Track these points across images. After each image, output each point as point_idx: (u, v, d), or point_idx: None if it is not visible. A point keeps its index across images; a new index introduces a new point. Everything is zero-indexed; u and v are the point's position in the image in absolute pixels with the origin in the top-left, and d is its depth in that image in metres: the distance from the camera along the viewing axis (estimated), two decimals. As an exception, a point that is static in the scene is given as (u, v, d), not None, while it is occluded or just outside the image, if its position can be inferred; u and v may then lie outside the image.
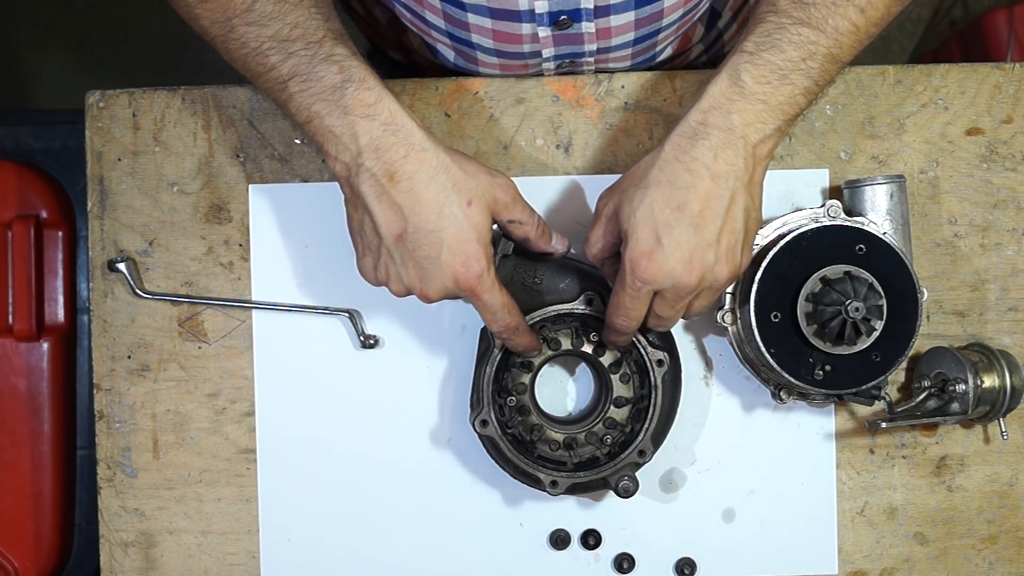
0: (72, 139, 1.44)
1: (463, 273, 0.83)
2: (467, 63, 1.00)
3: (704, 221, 0.82)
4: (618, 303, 0.86)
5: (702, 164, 0.82)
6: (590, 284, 0.94)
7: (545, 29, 0.91)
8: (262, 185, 1.02)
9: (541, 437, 0.96)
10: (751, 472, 1.03)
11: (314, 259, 1.02)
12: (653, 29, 0.95)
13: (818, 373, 0.93)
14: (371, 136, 0.83)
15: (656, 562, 1.03)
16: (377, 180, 0.83)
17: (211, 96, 1.02)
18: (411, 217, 0.83)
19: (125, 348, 1.02)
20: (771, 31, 0.84)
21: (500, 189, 0.86)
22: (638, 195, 0.83)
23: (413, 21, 0.97)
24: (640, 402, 0.95)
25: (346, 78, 0.83)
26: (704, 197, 0.82)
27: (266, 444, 1.03)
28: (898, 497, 1.03)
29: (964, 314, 1.03)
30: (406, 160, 0.83)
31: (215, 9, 0.85)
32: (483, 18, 0.90)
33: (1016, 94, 1.03)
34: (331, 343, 1.02)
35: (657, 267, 0.82)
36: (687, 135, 0.83)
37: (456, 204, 0.83)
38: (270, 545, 1.03)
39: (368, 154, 0.83)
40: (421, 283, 0.85)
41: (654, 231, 0.82)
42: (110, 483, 1.02)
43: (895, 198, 0.96)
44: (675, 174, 0.82)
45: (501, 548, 1.03)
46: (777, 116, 0.84)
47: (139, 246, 1.02)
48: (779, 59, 0.84)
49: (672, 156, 0.83)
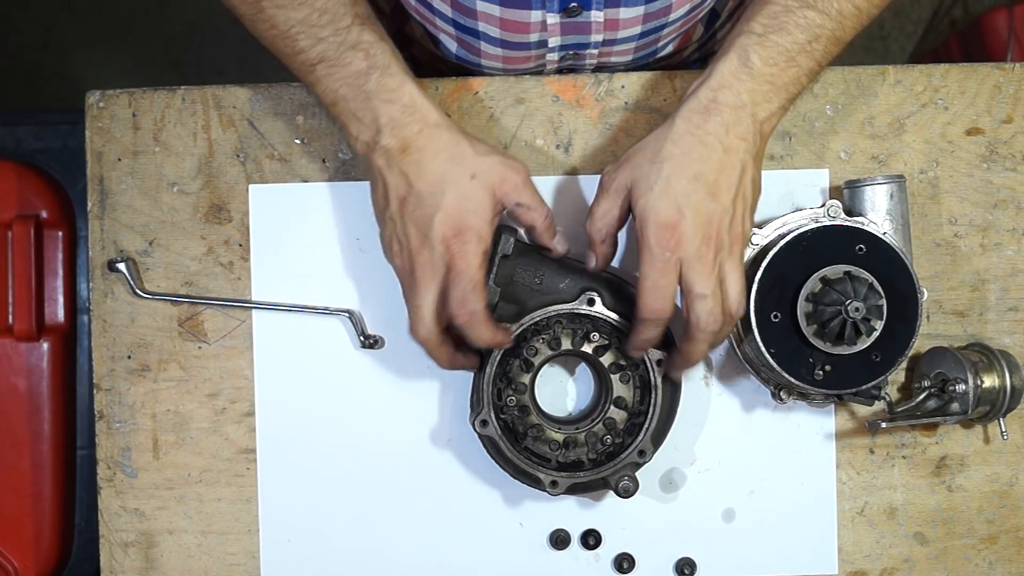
0: (72, 139, 1.44)
1: (450, 234, 0.85)
2: (469, 54, 1.01)
3: (719, 189, 0.85)
4: (651, 285, 0.85)
5: (715, 137, 0.85)
6: (590, 284, 0.94)
7: (554, 16, 0.91)
8: (262, 185, 1.02)
9: (541, 437, 0.96)
10: (751, 472, 1.03)
11: (314, 259, 1.02)
12: (659, 24, 0.95)
13: (818, 373, 0.93)
14: (390, 116, 0.86)
15: (656, 562, 1.03)
16: (391, 153, 0.86)
17: (211, 96, 1.02)
18: (415, 182, 0.86)
19: (125, 348, 1.02)
20: (778, 13, 0.87)
21: (510, 170, 0.87)
22: (654, 170, 0.85)
23: (418, 8, 0.98)
24: (640, 403, 0.95)
25: (371, 64, 0.87)
26: (718, 167, 0.85)
27: (266, 444, 1.03)
28: (898, 497, 1.03)
29: (964, 314, 1.03)
30: (419, 135, 0.86)
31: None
32: (492, 5, 0.90)
33: (1016, 94, 1.03)
34: (331, 343, 1.02)
35: (682, 233, 0.84)
36: (699, 111, 0.86)
37: (459, 175, 0.85)
38: (270, 545, 1.03)
39: (386, 132, 0.86)
40: (417, 248, 0.86)
41: (674, 202, 0.84)
42: (110, 483, 1.03)
43: (895, 198, 0.96)
44: (689, 147, 0.85)
45: (501, 548, 1.03)
46: (782, 95, 0.88)
47: (139, 246, 1.02)
48: (786, 41, 0.87)
49: (685, 130, 0.86)
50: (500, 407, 0.94)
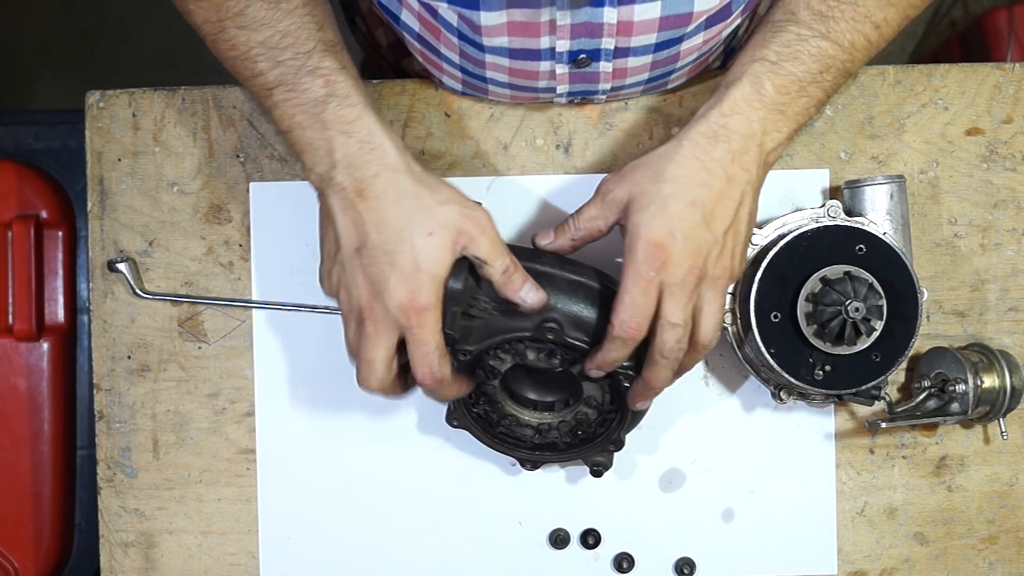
0: (72, 139, 1.45)
1: (408, 302, 0.81)
2: (475, 92, 0.99)
3: (715, 219, 0.84)
4: (630, 301, 0.83)
5: (720, 165, 0.84)
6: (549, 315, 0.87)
7: (563, 67, 0.90)
8: (263, 183, 1.02)
9: (516, 422, 0.95)
10: (751, 472, 1.03)
11: (314, 258, 1.02)
12: (667, 70, 0.95)
13: (818, 373, 0.93)
14: (346, 152, 0.83)
15: (656, 562, 1.03)
16: (346, 194, 0.83)
17: (211, 96, 1.02)
18: (371, 234, 0.82)
19: (125, 348, 1.02)
20: (792, 42, 0.87)
21: (468, 221, 0.83)
22: (653, 189, 0.84)
23: (423, 52, 0.95)
24: (611, 402, 0.93)
25: (330, 92, 0.83)
26: (718, 196, 0.84)
27: (266, 444, 1.03)
28: (898, 497, 1.03)
29: (964, 314, 1.03)
30: (376, 179, 0.82)
31: (208, 8, 0.85)
32: (501, 58, 0.89)
33: (1016, 94, 1.03)
34: (331, 343, 1.02)
35: (669, 256, 0.82)
36: (707, 135, 0.85)
37: (417, 231, 0.81)
38: (270, 545, 1.03)
39: (341, 168, 0.83)
40: (368, 300, 0.83)
41: (668, 224, 0.83)
42: (110, 483, 1.03)
43: (895, 198, 0.96)
44: (692, 171, 0.84)
45: (500, 547, 1.03)
46: (791, 124, 0.87)
47: (139, 246, 1.02)
48: (799, 70, 0.86)
49: (691, 154, 0.85)
50: (471, 404, 0.94)
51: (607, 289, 0.88)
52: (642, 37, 0.87)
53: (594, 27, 0.84)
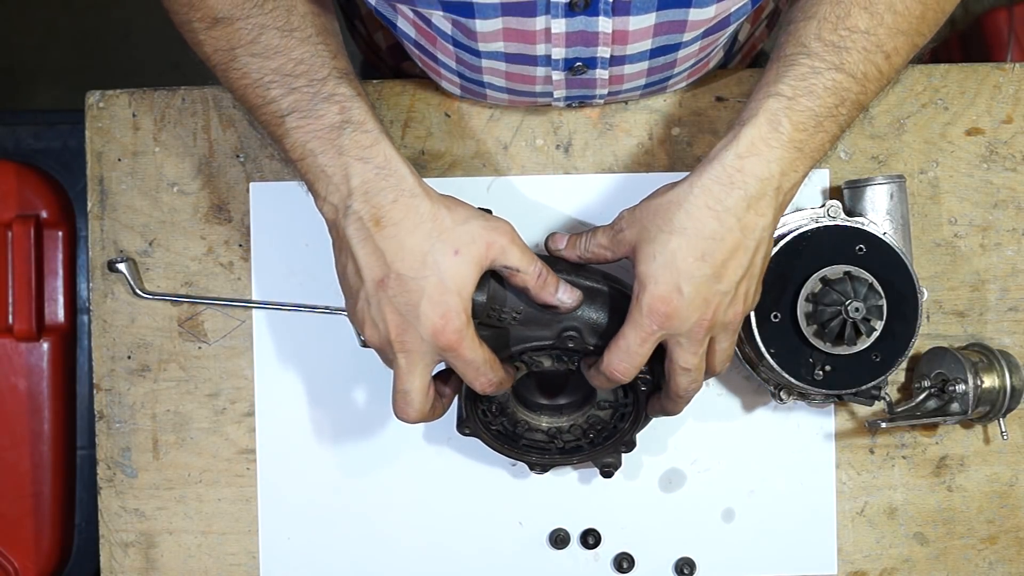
0: (72, 139, 1.45)
1: (442, 327, 0.80)
2: (472, 96, 0.99)
3: (726, 271, 0.81)
4: (625, 346, 0.82)
5: (733, 216, 0.80)
6: (569, 323, 0.87)
7: (559, 73, 0.90)
8: (263, 183, 1.02)
9: (529, 428, 0.95)
10: (751, 472, 1.03)
11: (315, 258, 1.02)
12: (665, 76, 0.94)
13: (818, 373, 0.93)
14: (363, 178, 0.81)
15: (656, 562, 1.03)
16: (363, 224, 0.81)
17: (211, 96, 1.02)
18: (393, 263, 0.80)
19: (125, 348, 1.02)
20: (806, 75, 0.83)
21: (494, 233, 0.82)
22: (661, 239, 0.81)
23: (421, 57, 0.94)
24: (624, 406, 0.94)
25: (345, 119, 0.82)
26: (731, 249, 0.81)
27: (266, 444, 1.03)
28: (898, 497, 1.03)
29: (964, 314, 1.03)
30: (394, 205, 0.81)
31: (220, 38, 0.84)
32: (498, 63, 0.88)
33: (1016, 94, 1.03)
34: (331, 343, 1.02)
35: (674, 311, 0.80)
36: (722, 181, 0.80)
37: (441, 253, 0.80)
38: (270, 545, 1.03)
39: (358, 196, 0.81)
40: (398, 333, 0.81)
41: (674, 279, 0.80)
42: (110, 483, 1.03)
43: (895, 198, 0.96)
44: (703, 222, 0.80)
45: (500, 547, 1.03)
46: (808, 162, 0.83)
47: (139, 246, 1.02)
48: (816, 105, 0.82)
49: (703, 203, 0.80)
50: (488, 422, 0.94)
51: (618, 292, 0.88)
52: (637, 45, 0.85)
53: (589, 36, 0.83)
